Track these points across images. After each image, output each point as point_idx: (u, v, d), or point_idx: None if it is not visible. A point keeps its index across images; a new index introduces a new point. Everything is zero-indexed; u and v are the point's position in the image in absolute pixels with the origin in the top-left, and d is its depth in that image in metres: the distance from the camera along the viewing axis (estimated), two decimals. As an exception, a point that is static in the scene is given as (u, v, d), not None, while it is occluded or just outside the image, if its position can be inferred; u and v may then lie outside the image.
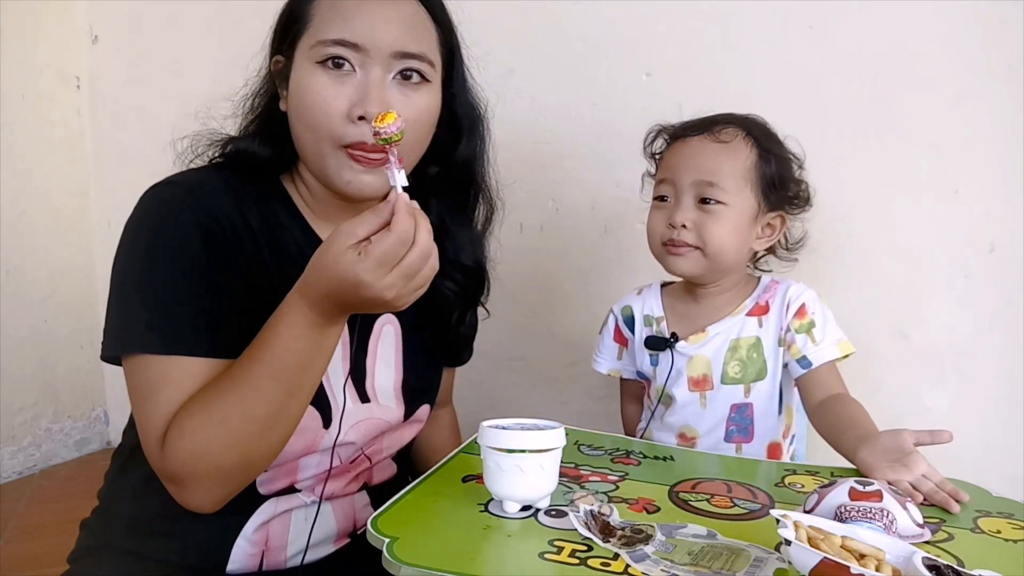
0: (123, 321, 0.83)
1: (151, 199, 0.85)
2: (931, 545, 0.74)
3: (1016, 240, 1.36)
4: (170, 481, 0.80)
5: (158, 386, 0.80)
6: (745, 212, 1.10)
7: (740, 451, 1.15)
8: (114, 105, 2.26)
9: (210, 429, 0.77)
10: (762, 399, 1.14)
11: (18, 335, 2.09)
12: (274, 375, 0.77)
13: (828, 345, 1.11)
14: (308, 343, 0.77)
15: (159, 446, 0.79)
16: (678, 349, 1.16)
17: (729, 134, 1.11)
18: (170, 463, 0.78)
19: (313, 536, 0.92)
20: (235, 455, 0.78)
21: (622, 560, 0.67)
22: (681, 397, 1.16)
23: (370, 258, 0.71)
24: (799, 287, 1.16)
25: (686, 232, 1.10)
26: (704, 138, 1.12)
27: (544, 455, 0.77)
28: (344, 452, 0.93)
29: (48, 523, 1.81)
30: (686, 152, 1.13)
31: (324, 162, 0.86)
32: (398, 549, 0.70)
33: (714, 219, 1.09)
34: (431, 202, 0.96)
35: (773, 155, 1.12)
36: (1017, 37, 1.32)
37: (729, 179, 1.09)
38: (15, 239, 2.08)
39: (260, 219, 0.89)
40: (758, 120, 1.16)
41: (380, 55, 0.84)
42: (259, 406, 0.77)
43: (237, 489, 0.82)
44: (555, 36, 1.66)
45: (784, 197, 1.14)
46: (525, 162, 1.72)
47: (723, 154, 1.10)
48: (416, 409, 1.01)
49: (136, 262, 0.83)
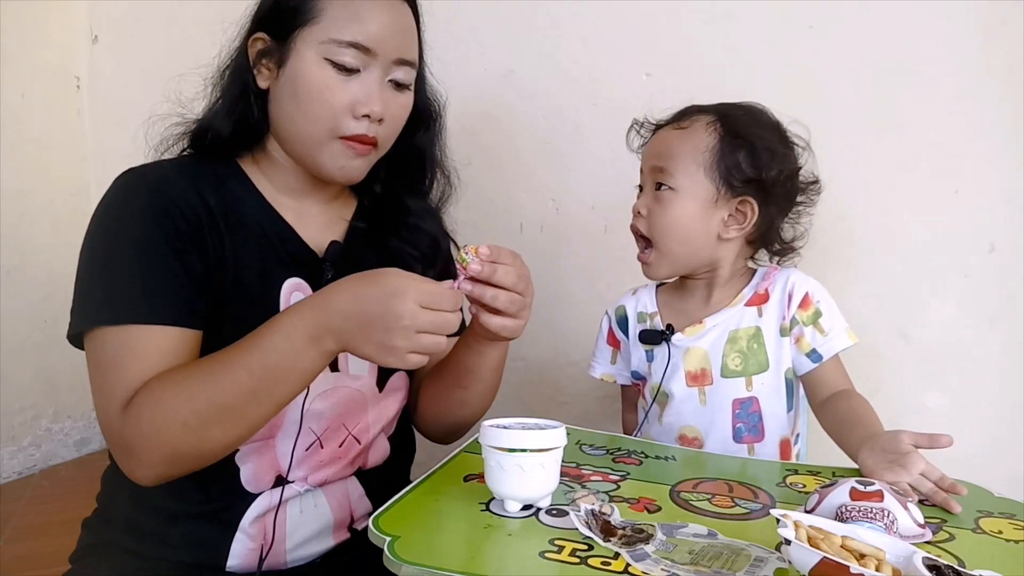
0: (82, 299, 0.85)
1: (111, 188, 0.89)
2: (932, 545, 0.74)
3: (1016, 240, 1.36)
4: (122, 450, 0.81)
5: (119, 356, 0.81)
6: (697, 196, 1.08)
7: (753, 452, 1.10)
8: (114, 105, 2.26)
9: (177, 404, 0.78)
10: (767, 393, 1.11)
11: (18, 335, 2.09)
12: (250, 369, 0.78)
13: (837, 334, 1.09)
14: (294, 353, 0.79)
15: (120, 413, 0.80)
16: (674, 342, 1.14)
17: (691, 120, 1.11)
18: (129, 430, 0.79)
19: (310, 528, 0.93)
20: (191, 438, 0.79)
21: (622, 559, 0.67)
22: (679, 393, 1.13)
23: (425, 286, 0.78)
24: (799, 275, 1.13)
25: (641, 220, 1.13)
26: (669, 127, 1.14)
27: (545, 454, 0.77)
28: (317, 425, 0.93)
29: (48, 523, 1.82)
30: (652, 142, 1.15)
31: (318, 148, 0.92)
32: (399, 548, 0.70)
33: (662, 205, 1.10)
34: (381, 173, 1.03)
35: (743, 140, 1.08)
36: (1017, 37, 1.32)
37: (679, 162, 1.09)
38: (15, 239, 2.08)
39: (217, 198, 0.92)
40: (750, 108, 1.13)
41: (384, 60, 0.91)
42: (226, 394, 0.78)
43: (182, 472, 0.82)
44: (555, 36, 1.66)
45: (755, 184, 1.08)
46: (525, 162, 1.73)
47: (677, 139, 1.11)
48: (389, 376, 1.02)
49: (93, 244, 0.87)
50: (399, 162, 1.04)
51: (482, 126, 1.73)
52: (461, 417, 1.06)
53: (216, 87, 0.98)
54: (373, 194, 1.05)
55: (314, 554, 0.94)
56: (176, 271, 0.85)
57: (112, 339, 0.82)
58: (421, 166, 1.07)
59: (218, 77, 0.98)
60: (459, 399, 1.04)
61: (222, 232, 0.90)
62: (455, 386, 1.03)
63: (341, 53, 0.89)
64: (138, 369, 0.80)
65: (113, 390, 0.81)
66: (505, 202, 1.74)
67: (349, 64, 0.89)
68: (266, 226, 0.95)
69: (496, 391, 1.05)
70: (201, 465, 0.83)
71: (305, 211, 0.99)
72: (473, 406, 1.04)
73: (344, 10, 0.89)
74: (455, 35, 1.68)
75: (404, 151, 1.02)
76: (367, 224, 1.03)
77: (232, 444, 0.83)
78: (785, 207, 1.13)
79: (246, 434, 0.82)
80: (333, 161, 0.92)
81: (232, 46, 0.97)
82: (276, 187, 0.98)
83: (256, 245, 0.93)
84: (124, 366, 0.81)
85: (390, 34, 0.91)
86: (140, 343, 0.81)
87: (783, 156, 1.10)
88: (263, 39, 0.93)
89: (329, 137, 0.91)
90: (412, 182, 1.07)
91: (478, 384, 1.01)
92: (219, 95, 0.98)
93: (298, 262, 0.95)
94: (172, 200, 0.87)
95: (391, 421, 1.03)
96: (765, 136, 1.09)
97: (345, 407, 0.96)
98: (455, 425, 1.08)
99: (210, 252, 0.88)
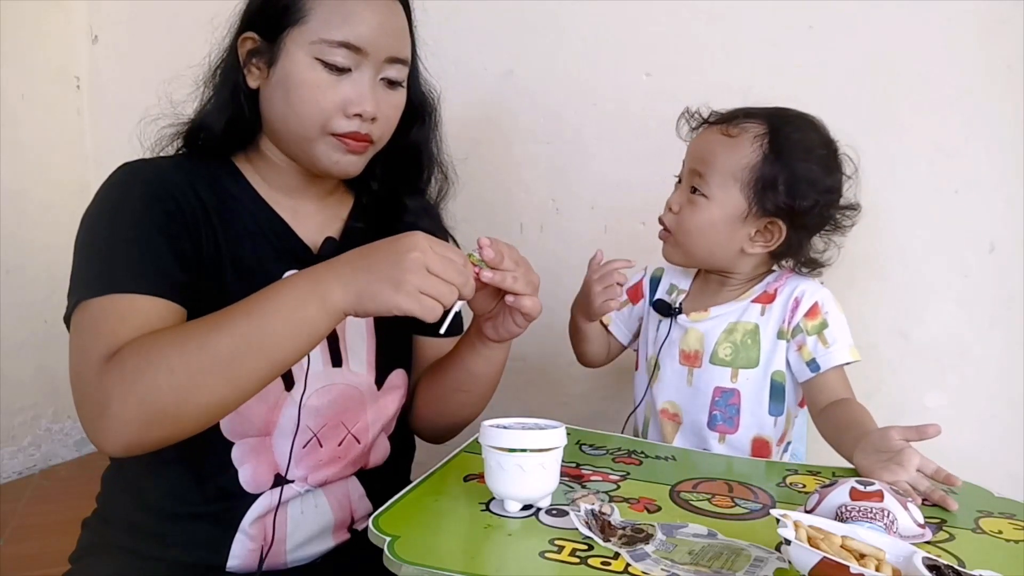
0: (72, 281, 0.84)
1: (106, 181, 0.90)
2: (932, 545, 0.74)
3: (1016, 240, 1.36)
4: (95, 406, 0.75)
5: (102, 320, 0.79)
6: (726, 209, 1.09)
7: (723, 441, 1.13)
8: (114, 105, 2.26)
9: (165, 352, 0.74)
10: (750, 389, 1.12)
11: (18, 335, 2.09)
12: (249, 315, 0.75)
13: (839, 349, 1.08)
14: (297, 301, 0.75)
15: (100, 365, 0.75)
16: (678, 321, 1.17)
17: (740, 128, 1.09)
18: (109, 380, 0.74)
19: (310, 528, 0.93)
20: (174, 390, 0.73)
21: (622, 559, 0.67)
22: (670, 368, 1.17)
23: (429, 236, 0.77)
24: (813, 284, 1.13)
25: (670, 215, 1.14)
26: (717, 129, 1.12)
27: (545, 454, 0.77)
28: (314, 422, 0.93)
29: (48, 523, 1.82)
30: (698, 140, 1.15)
31: (310, 145, 0.92)
32: (399, 548, 0.70)
33: (692, 209, 1.11)
34: (378, 171, 1.03)
35: (788, 163, 1.06)
36: (1017, 37, 1.32)
37: (716, 172, 1.08)
38: (15, 239, 2.09)
39: (211, 194, 0.92)
40: (800, 122, 1.10)
41: (376, 59, 0.90)
42: (220, 342, 0.74)
43: (155, 440, 0.76)
44: (555, 36, 1.66)
45: (789, 207, 1.06)
46: (525, 162, 1.73)
47: (720, 147, 1.09)
48: (388, 374, 1.01)
49: (85, 232, 0.87)
50: (395, 158, 1.03)
51: (482, 126, 1.73)
52: (460, 418, 1.07)
53: (208, 86, 0.98)
54: (370, 192, 1.05)
55: (314, 554, 0.94)
56: (163, 249, 0.84)
57: (96, 307, 0.80)
58: (417, 162, 1.07)
59: (210, 77, 0.98)
60: (459, 401, 1.04)
61: (216, 228, 0.90)
62: (457, 390, 1.03)
63: (332, 53, 0.88)
64: (122, 330, 0.78)
65: (94, 347, 0.77)
66: (505, 202, 1.74)
67: (340, 64, 0.88)
68: (261, 222, 0.95)
69: (495, 388, 1.05)
70: (176, 435, 0.76)
71: (300, 208, 0.99)
72: (473, 407, 1.05)
73: (334, 10, 0.88)
74: (455, 35, 1.68)
75: (400, 147, 1.02)
76: (365, 224, 1.03)
77: (216, 407, 0.76)
78: (816, 230, 1.13)
79: (232, 397, 0.76)
80: (327, 156, 0.92)
81: (222, 45, 0.97)
82: (271, 184, 0.98)
83: (252, 241, 0.93)
84: (108, 328, 0.78)
85: (381, 33, 0.90)
86: (123, 308, 0.80)
87: (824, 188, 1.08)
88: (252, 39, 0.93)
89: (320, 133, 0.90)
90: (409, 178, 1.07)
91: (480, 387, 1.02)
92: (211, 94, 0.98)
93: (294, 258, 0.95)
94: (167, 189, 0.88)
95: (391, 420, 1.03)
96: (809, 165, 1.07)
97: (343, 404, 0.96)
98: (453, 426, 1.09)
99: (203, 244, 0.89)
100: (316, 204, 1.01)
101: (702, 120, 1.16)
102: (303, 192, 0.99)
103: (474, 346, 0.98)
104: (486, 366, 0.99)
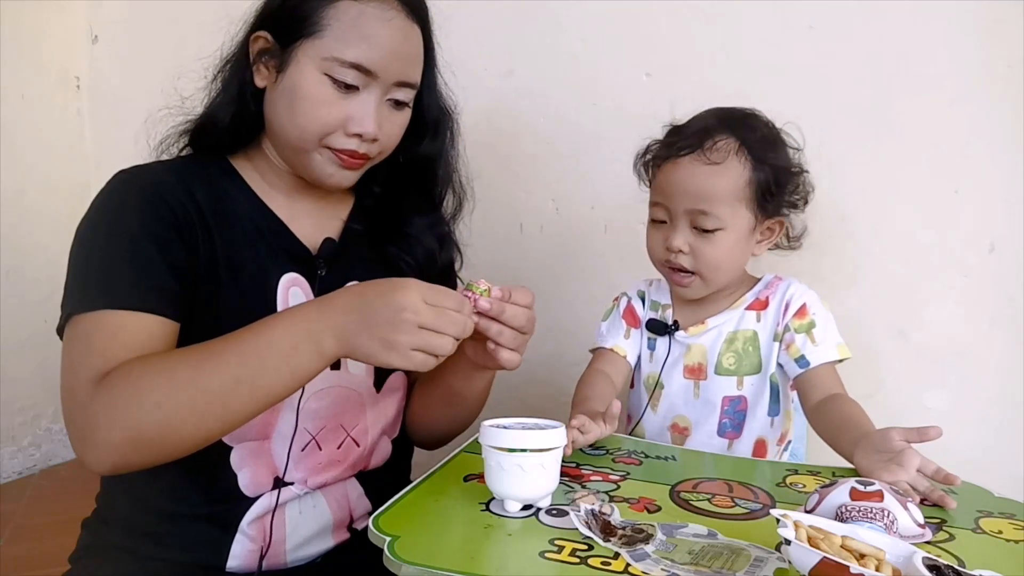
0: (66, 293, 0.84)
1: (102, 189, 0.89)
2: (932, 545, 0.74)
3: (1016, 240, 1.36)
4: (83, 427, 0.76)
5: (94, 338, 0.79)
6: (741, 229, 1.09)
7: (731, 447, 1.15)
8: (114, 105, 2.26)
9: (156, 381, 0.75)
10: (755, 394, 1.14)
11: (18, 335, 2.09)
12: (242, 355, 0.76)
13: (828, 347, 1.10)
14: (290, 347, 0.76)
15: (90, 386, 0.76)
16: (677, 337, 1.17)
17: (720, 152, 1.06)
18: (98, 403, 0.75)
19: (309, 528, 0.93)
20: (160, 422, 0.74)
21: (622, 559, 0.67)
22: (675, 384, 1.17)
23: (429, 285, 0.76)
24: (801, 287, 1.15)
25: (683, 256, 1.10)
26: (695, 159, 1.07)
27: (545, 454, 0.77)
28: (312, 425, 0.93)
29: (48, 523, 1.82)
30: (678, 176, 1.08)
31: (306, 155, 0.92)
32: (399, 548, 0.70)
33: (710, 243, 1.08)
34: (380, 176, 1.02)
35: (767, 163, 1.08)
36: (1016, 37, 1.32)
37: (722, 204, 1.07)
38: (15, 240, 2.09)
39: (207, 195, 0.91)
40: (750, 120, 1.11)
41: (385, 82, 0.90)
42: (210, 379, 0.75)
43: (139, 463, 0.77)
44: (555, 36, 1.66)
45: (782, 202, 1.12)
46: (525, 162, 1.73)
47: (714, 176, 1.07)
48: (387, 376, 1.01)
49: (80, 243, 0.86)
50: (403, 169, 1.03)
51: (482, 126, 1.72)
52: (449, 430, 1.08)
53: (217, 79, 0.98)
54: (373, 194, 1.05)
55: (314, 554, 0.94)
56: (156, 260, 0.83)
57: (87, 323, 0.80)
58: (429, 176, 1.05)
59: (219, 70, 0.98)
60: (447, 415, 1.05)
61: (212, 229, 0.90)
62: (443, 405, 1.03)
63: (342, 72, 0.87)
64: (112, 349, 0.78)
65: (84, 365, 0.77)
66: (505, 202, 1.74)
67: (349, 82, 0.88)
68: (258, 222, 0.95)
69: (484, 405, 1.04)
70: (160, 460, 0.77)
71: (298, 208, 0.98)
72: (461, 420, 1.06)
73: (351, 29, 0.87)
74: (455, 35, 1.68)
75: (409, 159, 1.02)
76: (364, 226, 1.03)
77: (202, 440, 0.77)
78: (799, 206, 1.16)
79: (217, 431, 0.77)
80: (321, 168, 0.92)
81: (235, 40, 0.97)
82: (269, 184, 0.98)
83: (249, 241, 0.93)
84: (98, 346, 0.78)
85: (394, 58, 0.89)
86: (114, 325, 0.79)
87: (795, 166, 1.13)
88: (265, 38, 0.92)
89: (317, 146, 0.90)
90: (420, 192, 1.05)
91: (465, 405, 1.02)
92: (219, 88, 0.97)
93: (292, 258, 0.95)
94: (161, 195, 0.87)
95: (392, 422, 1.03)
96: (778, 154, 1.11)
97: (341, 407, 0.96)
98: (444, 435, 1.09)
99: (199, 249, 0.88)
100: (314, 204, 1.00)
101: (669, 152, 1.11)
102: (301, 192, 0.99)
103: (457, 366, 0.95)
104: (468, 386, 0.98)
